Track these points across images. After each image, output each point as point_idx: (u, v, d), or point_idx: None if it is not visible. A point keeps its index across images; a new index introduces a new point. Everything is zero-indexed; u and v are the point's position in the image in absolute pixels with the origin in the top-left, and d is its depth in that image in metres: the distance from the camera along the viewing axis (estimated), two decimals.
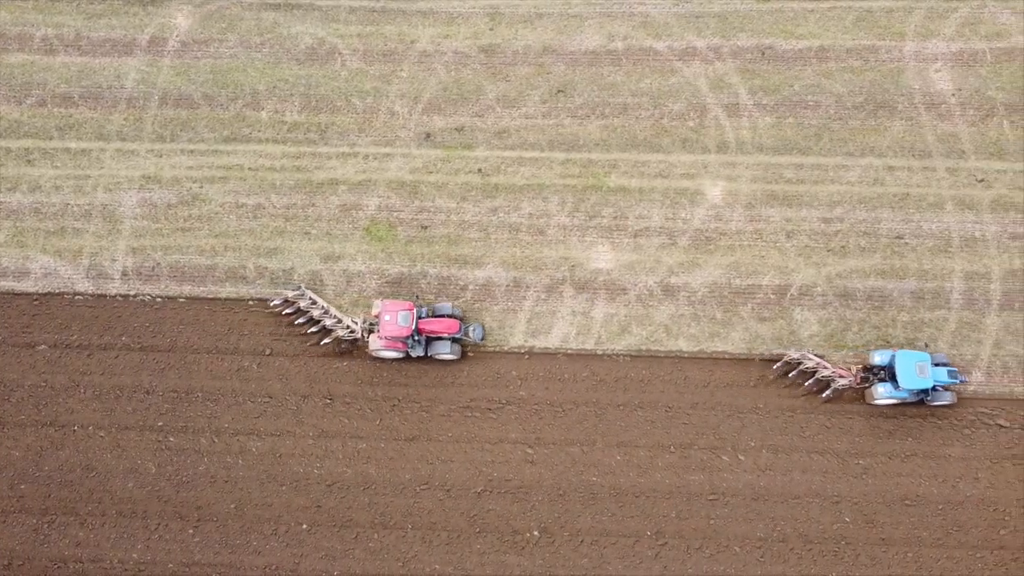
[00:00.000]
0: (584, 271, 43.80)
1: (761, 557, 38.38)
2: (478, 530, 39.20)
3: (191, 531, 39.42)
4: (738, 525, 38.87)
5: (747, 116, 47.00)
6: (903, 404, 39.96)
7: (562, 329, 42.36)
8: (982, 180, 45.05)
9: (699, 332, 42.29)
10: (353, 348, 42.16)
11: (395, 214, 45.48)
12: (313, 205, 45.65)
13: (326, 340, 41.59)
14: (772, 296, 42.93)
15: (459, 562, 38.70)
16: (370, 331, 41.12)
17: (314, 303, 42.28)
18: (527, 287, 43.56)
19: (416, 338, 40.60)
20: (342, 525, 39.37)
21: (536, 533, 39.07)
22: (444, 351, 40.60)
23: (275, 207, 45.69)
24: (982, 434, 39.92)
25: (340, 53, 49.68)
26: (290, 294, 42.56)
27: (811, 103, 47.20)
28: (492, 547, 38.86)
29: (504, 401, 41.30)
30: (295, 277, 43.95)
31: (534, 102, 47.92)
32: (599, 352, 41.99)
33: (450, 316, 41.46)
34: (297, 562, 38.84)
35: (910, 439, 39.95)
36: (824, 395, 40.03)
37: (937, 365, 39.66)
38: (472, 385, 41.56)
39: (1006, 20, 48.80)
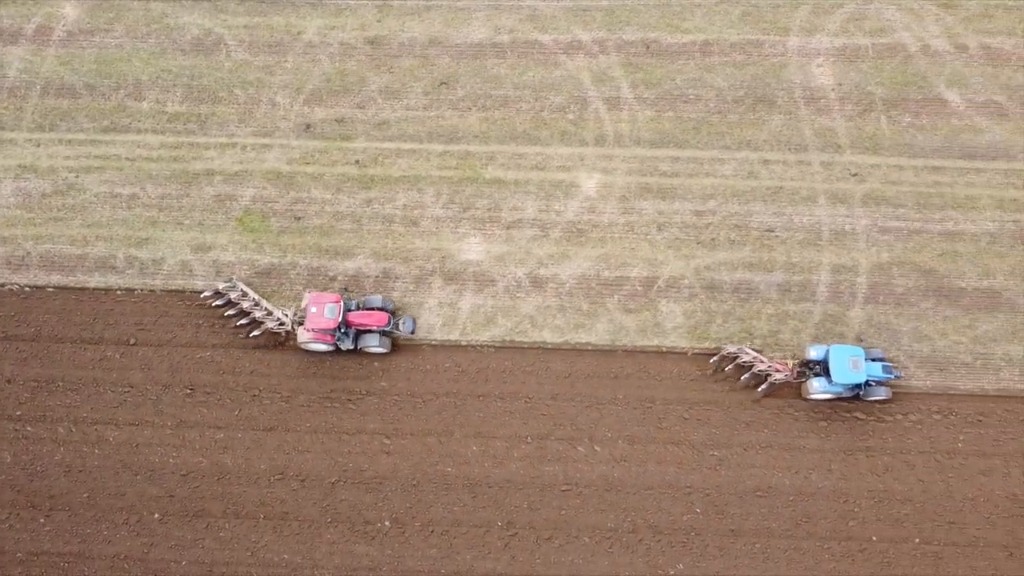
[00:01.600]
0: (454, 262, 44.44)
1: (610, 548, 38.95)
2: (330, 520, 39.75)
3: (42, 520, 39.92)
4: (589, 515, 39.46)
5: (627, 109, 47.74)
6: (839, 399, 40.37)
7: (428, 320, 42.98)
8: (856, 174, 45.82)
9: (564, 323, 42.94)
10: (284, 340, 42.43)
11: (269, 205, 46.10)
12: (187, 195, 46.26)
13: (255, 332, 42.11)
14: (639, 288, 43.60)
15: (308, 551, 39.22)
16: (300, 323, 41.63)
17: (245, 295, 42.83)
18: (396, 278, 44.18)
19: (344, 331, 40.94)
20: (194, 515, 39.88)
21: (387, 523, 39.62)
22: (372, 344, 41.21)
23: (150, 197, 46.29)
24: (838, 426, 40.58)
25: (226, 44, 50.38)
26: (221, 286, 43.09)
27: (692, 97, 47.95)
28: (343, 537, 39.39)
29: (365, 392, 41.89)
30: (165, 268, 44.53)
31: (416, 94, 48.62)
32: (463, 343, 42.59)
33: (380, 309, 41.80)
34: (146, 551, 39.36)
35: (767, 430, 40.60)
36: (760, 389, 40.54)
37: (874, 360, 40.00)
38: (334, 377, 42.14)
39: (891, 16, 49.68)
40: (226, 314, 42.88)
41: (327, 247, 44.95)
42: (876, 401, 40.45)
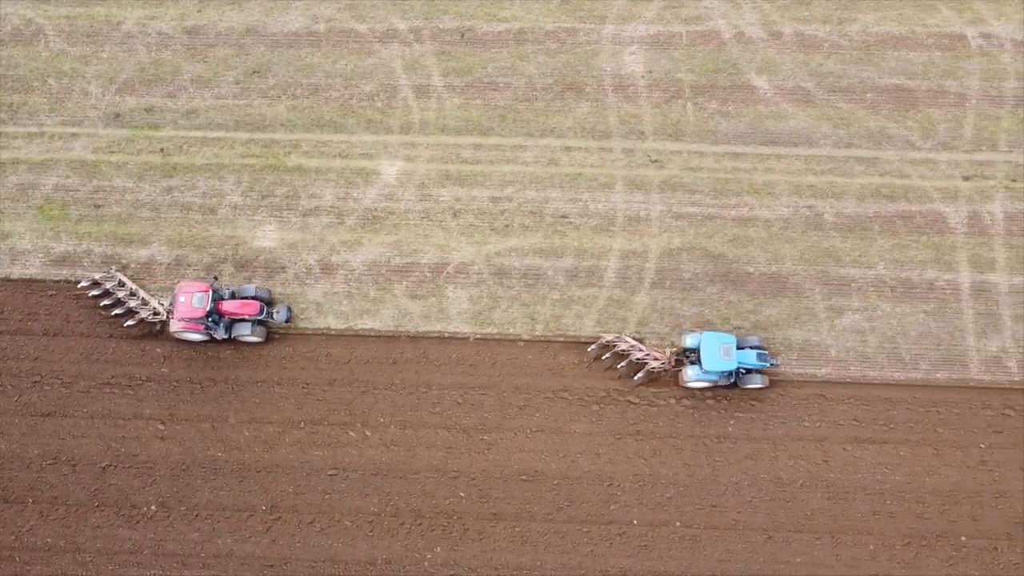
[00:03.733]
0: (247, 249, 45.51)
1: (370, 532, 39.92)
2: (97, 504, 40.76)
3: None
4: (353, 500, 40.41)
5: (435, 98, 48.85)
6: (717, 387, 41.28)
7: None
8: (656, 161, 46.83)
9: (350, 310, 43.95)
10: (160, 330, 43.43)
11: (71, 193, 47.24)
12: None
13: (130, 322, 43.06)
14: (428, 274, 44.62)
15: (72, 536, 40.25)
16: None
17: (122, 285, 43.85)
18: (188, 265, 45.26)
19: (215, 320, 42.06)
20: None
21: (153, 507, 40.62)
22: (245, 333, 42.29)
23: None
24: (610, 410, 41.50)
25: (45, 34, 51.64)
26: (98, 276, 44.06)
27: (501, 85, 49.03)
28: (108, 521, 40.42)
29: (145, 378, 42.96)
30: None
31: (228, 83, 49.79)
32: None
33: (254, 298, 42.89)
34: None
35: (539, 415, 41.55)
36: (636, 377, 41.31)
37: (753, 348, 40.92)
38: (116, 362, 43.14)
39: (708, 3, 50.81)
40: (102, 304, 43.71)
41: (123, 235, 46.06)
42: (754, 389, 41.12)
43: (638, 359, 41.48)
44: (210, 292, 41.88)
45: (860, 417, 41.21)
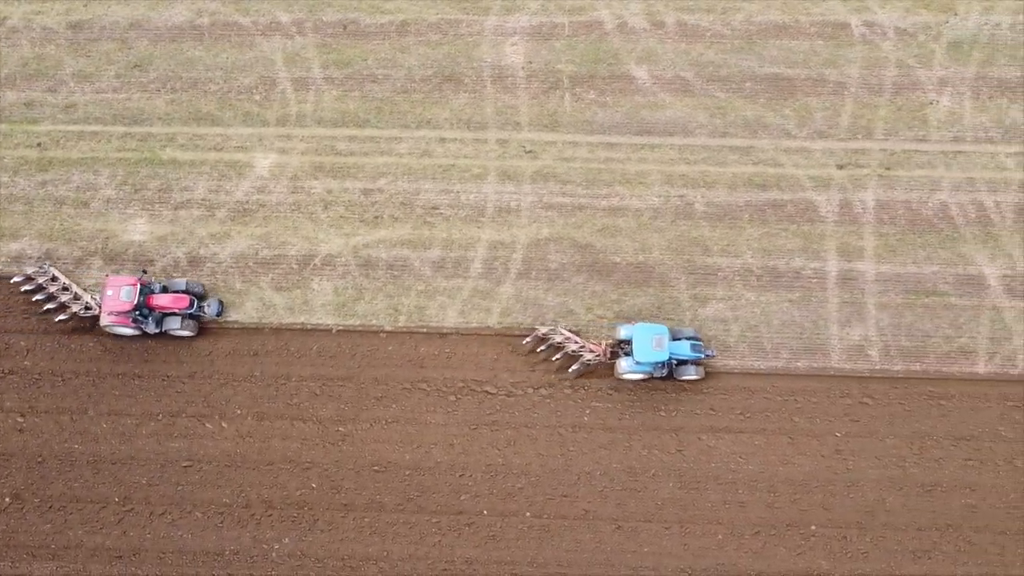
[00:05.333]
0: (117, 243, 46.32)
1: (220, 523, 40.70)
2: None
3: None
4: (206, 491, 41.15)
5: (314, 90, 49.61)
6: (653, 379, 41.83)
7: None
8: (530, 151, 47.47)
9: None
10: (92, 326, 44.15)
11: None
12: None
13: (62, 317, 43.86)
14: (295, 266, 45.35)
15: None
16: None
17: (55, 280, 44.64)
18: (57, 259, 46.09)
19: (144, 313, 42.89)
20: None
21: (8, 499, 41.39)
22: (175, 327, 43.15)
23: None
24: (467, 401, 42.17)
25: None
26: (31, 271, 44.91)
27: (380, 77, 49.78)
28: None
29: (7, 371, 43.73)
30: None
31: (109, 77, 50.63)
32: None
33: (185, 292, 43.69)
34: None
35: (395, 406, 42.36)
36: (571, 369, 41.93)
37: (688, 339, 41.55)
38: None
39: None
40: (34, 299, 44.49)
41: None
42: (689, 380, 41.64)
43: (573, 351, 41.97)
44: (138, 286, 42.62)
45: (717, 407, 41.77)
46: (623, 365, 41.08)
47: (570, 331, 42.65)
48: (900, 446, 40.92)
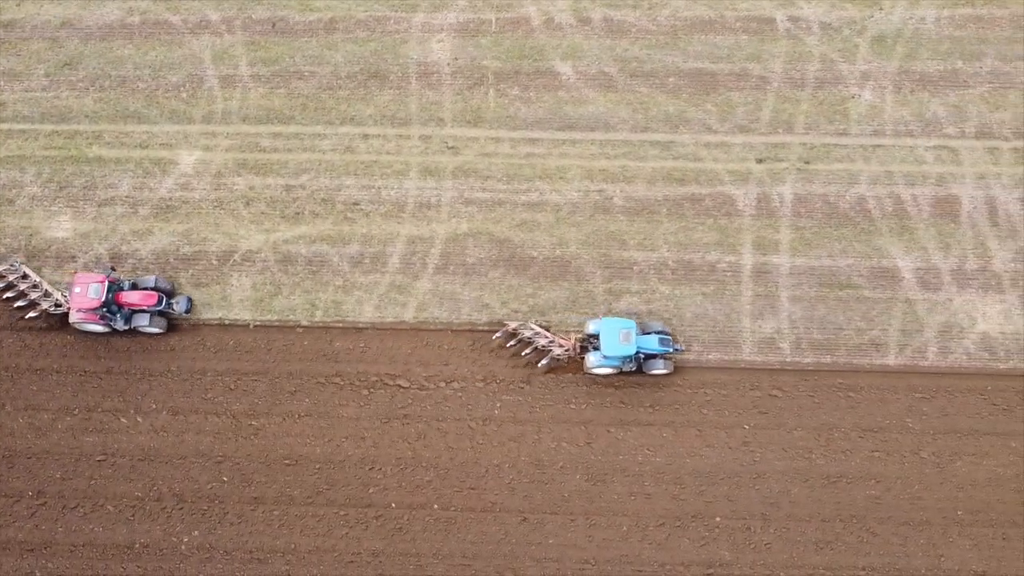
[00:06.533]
0: (40, 240, 47.24)
1: (132, 516, 41.64)
2: None
3: None
4: (118, 485, 42.01)
5: (240, 87, 50.48)
6: (624, 374, 42.41)
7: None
8: (452, 147, 48.27)
9: None
10: (62, 323, 44.90)
11: None
12: None
13: (32, 314, 44.75)
14: (215, 262, 46.20)
15: None
16: None
17: (25, 277, 45.55)
18: None
19: (112, 310, 43.75)
20: None
21: None
22: (143, 323, 43.97)
23: None
24: (380, 394, 42.98)
25: None
26: (1, 268, 45.77)
27: (307, 74, 50.64)
28: None
29: None
30: None
31: (38, 76, 51.56)
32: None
33: (154, 289, 44.57)
34: None
35: (308, 400, 43.14)
36: (541, 364, 42.59)
37: (656, 334, 42.16)
38: None
39: None
40: (4, 296, 45.35)
41: None
42: (657, 375, 42.28)
43: (543, 346, 42.68)
44: (106, 283, 43.43)
45: (627, 400, 42.50)
46: (591, 360, 41.71)
47: (540, 326, 43.28)
48: (807, 438, 41.60)
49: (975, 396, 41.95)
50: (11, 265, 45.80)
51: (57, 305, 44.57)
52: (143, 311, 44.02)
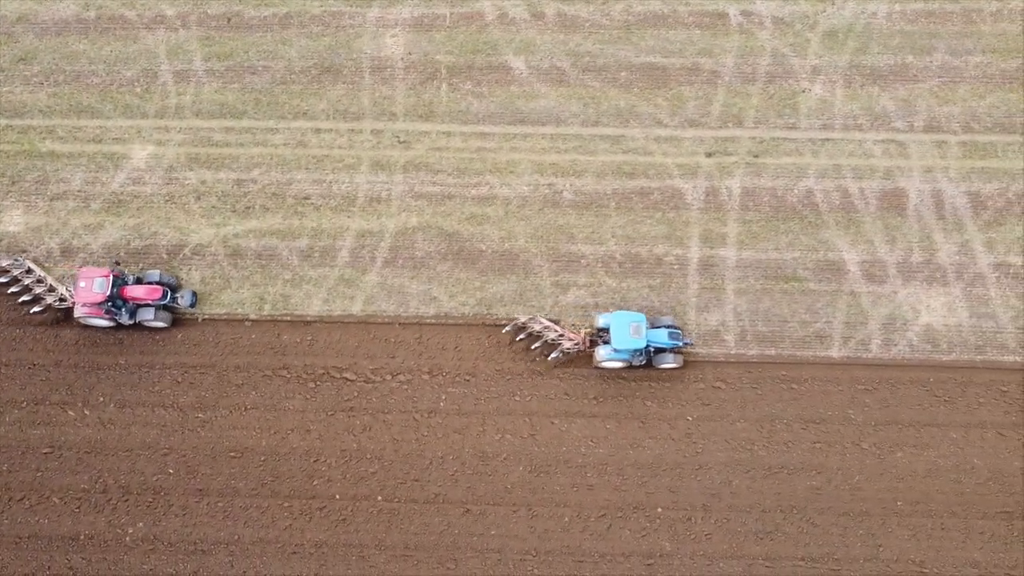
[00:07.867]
0: None
1: (77, 508, 42.39)
2: None
3: None
4: (65, 477, 42.71)
5: (194, 82, 51.14)
6: (632, 367, 42.99)
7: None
8: (404, 141, 48.96)
9: None
10: (66, 317, 45.56)
11: None
12: None
13: (36, 308, 45.34)
14: (164, 256, 46.93)
15: None
16: None
17: (30, 272, 46.16)
18: None
19: (118, 305, 44.35)
20: None
21: None
22: (148, 318, 44.60)
23: None
24: (327, 387, 43.72)
25: None
26: (5, 263, 46.38)
27: (260, 68, 51.31)
28: None
29: None
30: None
31: None
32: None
33: (159, 283, 45.16)
34: None
35: (255, 392, 43.84)
36: (551, 357, 43.23)
37: (666, 327, 42.74)
38: None
39: None
40: (9, 291, 45.88)
41: None
42: (668, 369, 42.82)
43: (552, 340, 43.27)
44: (111, 277, 44.07)
45: (571, 391, 43.24)
46: (601, 353, 42.35)
47: (549, 320, 43.89)
48: (750, 429, 42.35)
49: (917, 388, 42.71)
50: (16, 260, 46.45)
51: (62, 300, 45.16)
52: (148, 305, 44.66)
